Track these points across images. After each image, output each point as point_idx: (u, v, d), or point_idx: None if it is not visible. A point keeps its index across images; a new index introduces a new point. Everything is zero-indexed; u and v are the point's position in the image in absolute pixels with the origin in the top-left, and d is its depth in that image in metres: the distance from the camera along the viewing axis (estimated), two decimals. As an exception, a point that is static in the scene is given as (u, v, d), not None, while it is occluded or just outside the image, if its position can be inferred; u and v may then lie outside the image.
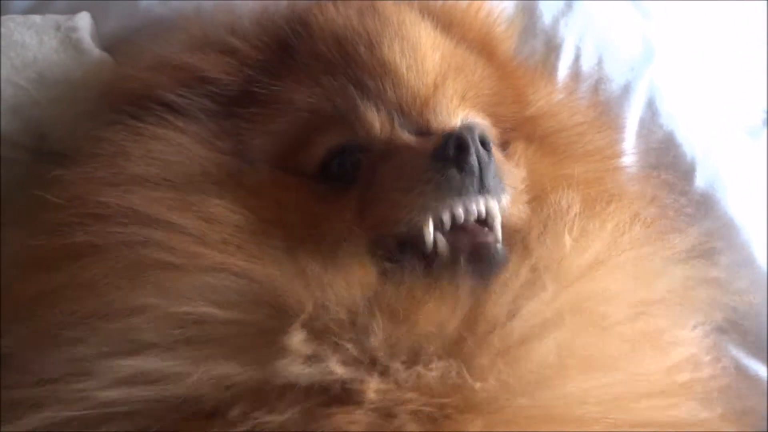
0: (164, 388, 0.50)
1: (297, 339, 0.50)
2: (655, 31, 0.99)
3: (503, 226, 0.60)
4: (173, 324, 0.52)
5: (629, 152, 0.91)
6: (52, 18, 0.76)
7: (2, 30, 0.74)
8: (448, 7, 0.78)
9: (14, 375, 0.55)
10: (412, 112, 0.64)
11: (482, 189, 0.57)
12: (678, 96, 0.95)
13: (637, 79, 0.93)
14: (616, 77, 0.92)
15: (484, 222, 0.59)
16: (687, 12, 1.08)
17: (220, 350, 0.51)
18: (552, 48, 0.92)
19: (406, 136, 0.63)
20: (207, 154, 0.63)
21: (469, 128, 0.58)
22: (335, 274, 0.54)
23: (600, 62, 0.93)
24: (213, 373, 0.49)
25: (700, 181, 0.90)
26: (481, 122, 0.69)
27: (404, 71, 0.65)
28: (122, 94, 0.68)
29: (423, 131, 0.64)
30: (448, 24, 0.75)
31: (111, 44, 0.80)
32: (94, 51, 0.76)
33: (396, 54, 0.66)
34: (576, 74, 0.91)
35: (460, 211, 0.57)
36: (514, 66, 0.82)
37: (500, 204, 0.59)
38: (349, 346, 0.51)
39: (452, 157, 0.56)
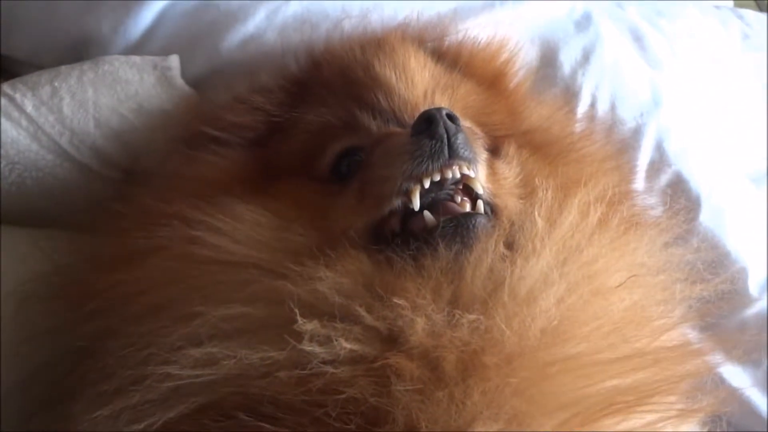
0: (221, 367, 0.58)
1: (308, 326, 0.58)
2: (663, 81, 1.08)
3: (495, 213, 0.69)
4: (220, 323, 0.60)
5: (640, 190, 0.99)
6: (150, 59, 0.89)
7: (109, 68, 0.87)
8: (448, 42, 0.92)
9: (96, 364, 0.63)
10: (405, 117, 0.76)
11: (453, 155, 0.65)
12: (684, 138, 1.04)
13: (646, 123, 1.02)
14: (627, 121, 1.01)
15: (469, 196, 0.67)
16: (693, 63, 1.17)
17: (256, 338, 0.59)
18: (571, 95, 1.02)
19: (393, 129, 0.75)
20: (240, 172, 0.77)
21: (437, 108, 0.68)
22: (333, 264, 0.62)
23: (613, 108, 1.02)
24: (252, 357, 0.58)
25: (704, 217, 0.98)
26: (465, 123, 0.77)
27: (394, 83, 0.78)
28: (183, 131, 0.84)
29: None
30: (449, 56, 0.88)
31: (196, 84, 0.93)
32: (185, 87, 0.89)
33: (386, 70, 0.80)
34: (591, 117, 1.01)
35: (437, 175, 0.65)
36: (510, 87, 0.92)
37: (476, 174, 0.68)
38: (350, 326, 0.58)
39: (424, 130, 0.65)
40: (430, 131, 0.65)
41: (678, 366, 0.63)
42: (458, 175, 0.66)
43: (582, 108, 1.02)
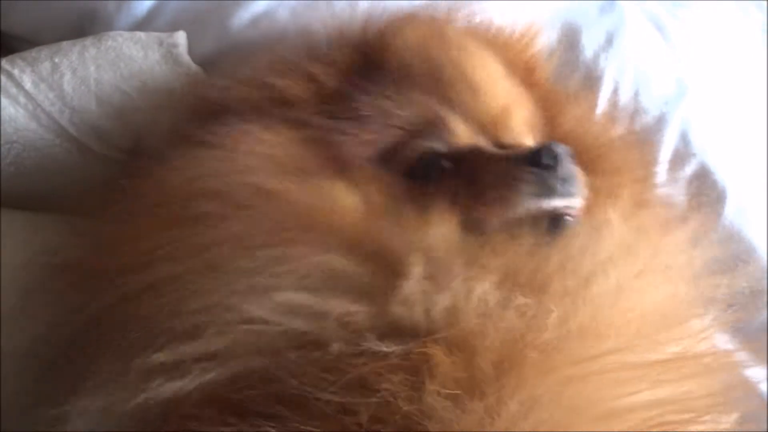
0: (303, 319, 0.56)
1: (410, 282, 0.57)
2: (685, 66, 1.05)
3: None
4: (314, 272, 0.58)
5: (665, 179, 0.98)
6: (155, 35, 0.85)
7: (112, 43, 0.83)
8: (500, 39, 0.87)
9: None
10: (487, 128, 0.75)
11: (566, 193, 0.68)
12: (709, 130, 1.01)
13: (671, 112, 0.99)
14: (651, 110, 0.99)
15: None
16: (716, 55, 1.13)
17: (346, 294, 0.57)
18: (592, 80, 0.99)
19: (492, 147, 0.74)
20: (304, 153, 0.71)
21: (563, 147, 0.70)
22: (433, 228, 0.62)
23: (636, 95, 0.99)
24: (338, 310, 0.55)
25: (729, 209, 0.96)
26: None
27: (484, 93, 0.76)
28: (217, 103, 0.76)
29: (497, 145, 0.74)
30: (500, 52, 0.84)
31: (204, 62, 0.88)
32: (192, 65, 0.85)
33: (479, 76, 0.77)
34: (614, 105, 0.98)
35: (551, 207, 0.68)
36: (547, 92, 0.89)
37: (578, 204, 0.70)
38: (449, 290, 0.57)
39: (548, 165, 0.67)
40: (553, 167, 0.68)
41: (724, 377, 0.62)
42: (570, 209, 0.70)
43: (604, 93, 0.99)
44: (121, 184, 0.71)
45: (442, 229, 0.62)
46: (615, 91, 0.99)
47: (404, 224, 0.62)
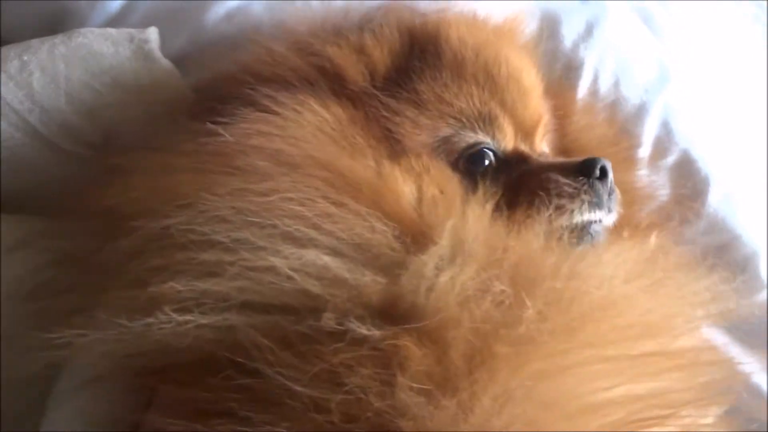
0: (317, 284, 0.55)
1: (423, 258, 0.57)
2: (670, 55, 1.04)
3: None
4: (351, 236, 0.58)
5: (647, 168, 0.97)
6: (126, 31, 0.84)
7: (82, 40, 0.81)
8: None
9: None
10: (528, 134, 0.79)
11: (611, 205, 0.74)
12: (692, 117, 1.00)
13: (651, 100, 0.98)
14: (631, 98, 0.98)
15: None
16: (704, 43, 1.13)
17: (371, 265, 0.57)
18: (572, 69, 0.98)
19: (545, 155, 0.78)
20: (357, 131, 0.71)
21: (607, 161, 0.73)
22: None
23: (617, 84, 0.98)
24: (356, 281, 0.55)
25: (713, 197, 0.95)
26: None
27: (530, 99, 0.79)
28: (269, 69, 0.74)
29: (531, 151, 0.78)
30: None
31: (179, 58, 0.87)
32: (163, 61, 0.83)
33: (527, 82, 0.80)
34: (594, 94, 0.97)
35: (597, 219, 0.72)
36: (555, 95, 0.90)
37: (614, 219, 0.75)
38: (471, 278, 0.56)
39: (596, 176, 0.72)
40: (603, 182, 0.73)
41: (707, 372, 0.61)
42: (608, 222, 0.75)
43: (584, 84, 0.98)
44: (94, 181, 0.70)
45: (477, 216, 0.62)
46: (595, 81, 0.99)
47: (448, 212, 0.63)
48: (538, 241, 0.61)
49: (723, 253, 0.94)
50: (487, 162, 0.75)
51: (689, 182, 0.96)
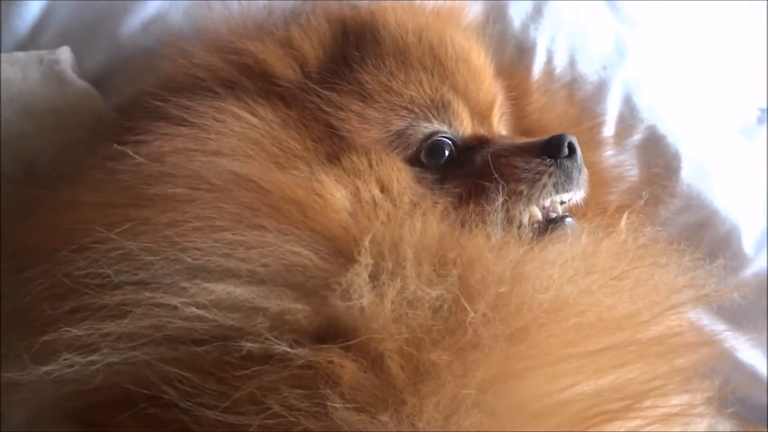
0: (233, 316, 0.51)
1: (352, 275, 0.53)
2: (628, 30, 1.00)
3: None
4: (273, 263, 0.54)
5: (613, 148, 0.92)
6: (34, 53, 0.79)
7: (-13, 68, 0.76)
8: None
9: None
10: (483, 117, 0.75)
11: (582, 182, 0.70)
12: (657, 90, 0.96)
13: (611, 76, 0.94)
14: (590, 75, 0.94)
15: None
16: (674, 13, 1.09)
17: (294, 290, 0.53)
18: (524, 51, 0.93)
19: (503, 136, 0.73)
20: (290, 133, 0.66)
21: (573, 137, 0.70)
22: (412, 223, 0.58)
23: (572, 63, 0.94)
24: (280, 307, 0.51)
25: (686, 172, 0.91)
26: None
27: (482, 80, 0.75)
28: (185, 75, 0.70)
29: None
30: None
31: (97, 77, 0.82)
32: (77, 82, 0.78)
33: (476, 63, 0.75)
34: (550, 75, 0.93)
35: (566, 197, 0.70)
36: (510, 77, 0.87)
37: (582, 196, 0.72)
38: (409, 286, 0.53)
39: (564, 155, 0.68)
40: (572, 158, 0.69)
41: (674, 359, 0.58)
42: (576, 200, 0.72)
43: (538, 65, 0.93)
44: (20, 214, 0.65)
45: (423, 221, 0.58)
46: (549, 62, 0.94)
47: (385, 215, 0.60)
48: (487, 242, 0.58)
49: (702, 231, 0.90)
50: (447, 152, 0.71)
51: (660, 160, 0.92)
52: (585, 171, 0.71)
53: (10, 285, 0.61)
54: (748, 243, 0.90)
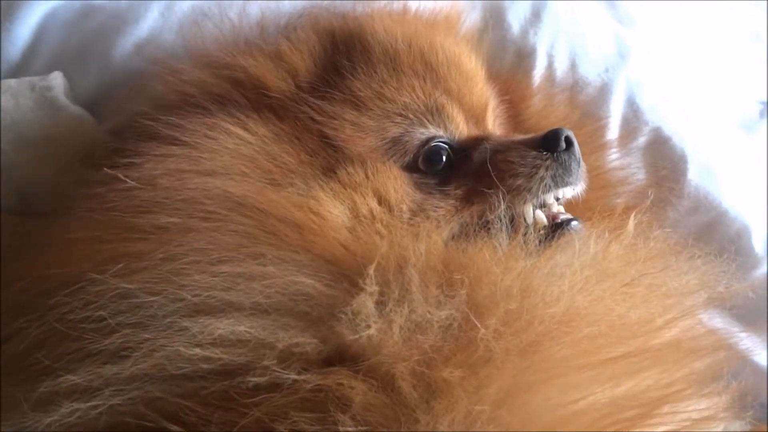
0: (239, 352, 0.50)
1: (359, 301, 0.52)
2: (631, 34, 0.98)
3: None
4: (275, 294, 0.52)
5: (618, 151, 0.91)
6: (26, 80, 0.77)
7: (-21, 98, 0.75)
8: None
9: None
10: (477, 119, 0.74)
11: (581, 176, 0.70)
12: (659, 89, 0.95)
13: (613, 78, 0.93)
14: (591, 79, 0.93)
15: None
16: (672, 9, 1.08)
17: (300, 320, 0.51)
18: (524, 57, 0.92)
19: (502, 135, 0.73)
20: (285, 148, 0.65)
21: (569, 131, 0.69)
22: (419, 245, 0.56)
23: (573, 66, 0.93)
24: (287, 341, 0.50)
25: (693, 174, 0.90)
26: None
27: (474, 84, 0.75)
28: (174, 92, 0.69)
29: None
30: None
31: (91, 101, 0.81)
32: (70, 107, 0.76)
33: (468, 66, 0.75)
34: (551, 80, 0.92)
35: (568, 192, 0.69)
36: (506, 81, 0.86)
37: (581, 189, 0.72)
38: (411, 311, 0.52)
39: (562, 148, 0.68)
40: (569, 152, 0.69)
41: (691, 363, 0.56)
42: (577, 193, 0.71)
43: (538, 70, 0.92)
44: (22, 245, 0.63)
45: (428, 243, 0.57)
46: (549, 66, 0.93)
47: (392, 237, 0.58)
48: (493, 255, 0.56)
49: (712, 232, 0.90)
50: (444, 157, 0.70)
51: (667, 162, 0.91)
52: (584, 164, 0.71)
53: (9, 326, 0.59)
54: (759, 242, 0.88)
